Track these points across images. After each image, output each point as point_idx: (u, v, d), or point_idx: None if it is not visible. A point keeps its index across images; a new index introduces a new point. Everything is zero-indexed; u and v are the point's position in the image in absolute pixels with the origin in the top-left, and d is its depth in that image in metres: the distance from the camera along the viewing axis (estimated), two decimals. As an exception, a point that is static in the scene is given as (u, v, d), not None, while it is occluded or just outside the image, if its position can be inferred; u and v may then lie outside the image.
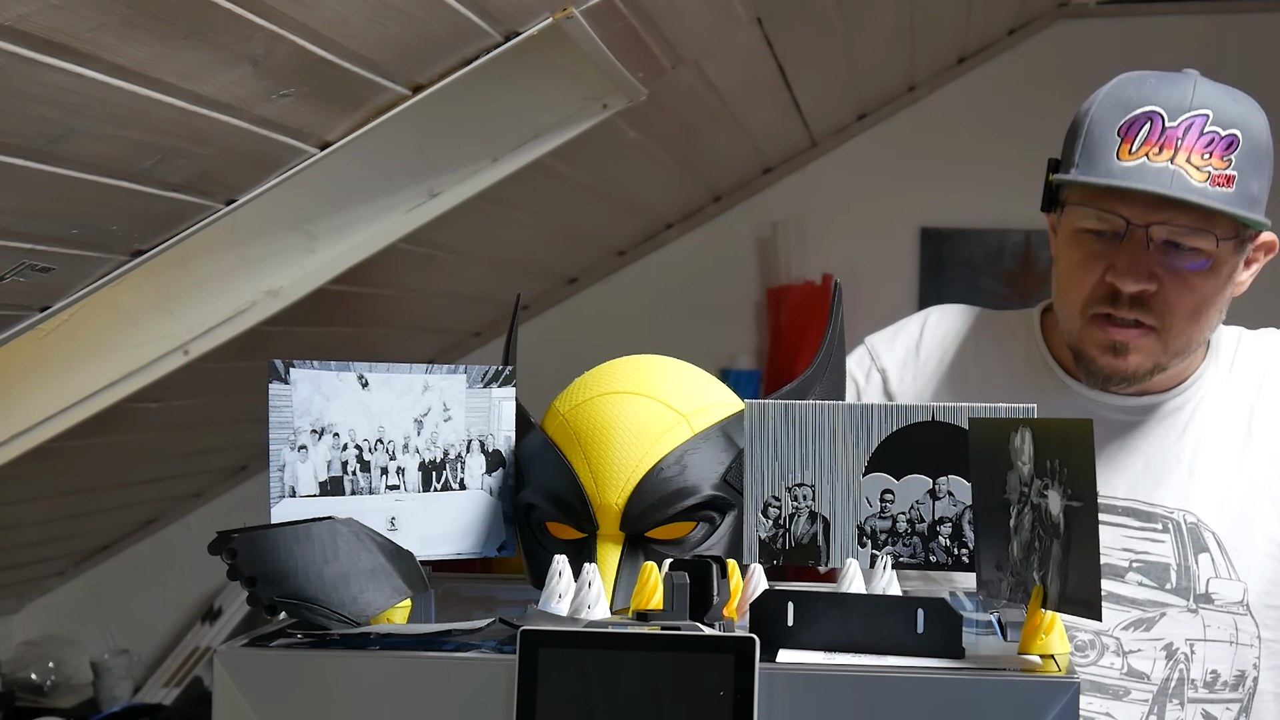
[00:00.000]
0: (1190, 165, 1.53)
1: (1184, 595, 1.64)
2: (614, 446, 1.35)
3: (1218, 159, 1.53)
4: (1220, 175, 1.53)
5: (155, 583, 3.73)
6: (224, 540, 1.17)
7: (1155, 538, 1.66)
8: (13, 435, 2.15)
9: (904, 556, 1.29)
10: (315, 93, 1.72)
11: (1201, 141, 1.53)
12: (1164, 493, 1.67)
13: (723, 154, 3.40)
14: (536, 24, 1.85)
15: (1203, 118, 1.54)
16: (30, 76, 1.37)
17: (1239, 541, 1.65)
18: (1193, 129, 1.54)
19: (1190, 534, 1.65)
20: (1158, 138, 1.54)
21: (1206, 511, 1.66)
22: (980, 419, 1.25)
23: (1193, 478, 1.67)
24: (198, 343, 2.16)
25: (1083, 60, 3.54)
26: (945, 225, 3.60)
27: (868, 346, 1.83)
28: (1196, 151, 1.53)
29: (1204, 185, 1.52)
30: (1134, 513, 1.67)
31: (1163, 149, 1.53)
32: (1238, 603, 1.64)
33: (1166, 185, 1.52)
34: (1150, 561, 1.65)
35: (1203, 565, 1.64)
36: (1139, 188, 1.52)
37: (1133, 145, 1.54)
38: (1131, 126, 1.55)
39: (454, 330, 3.60)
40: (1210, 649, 1.64)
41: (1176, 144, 1.53)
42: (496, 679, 1.11)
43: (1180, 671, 1.63)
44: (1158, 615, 1.64)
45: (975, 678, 1.09)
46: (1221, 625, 1.64)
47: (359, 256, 2.18)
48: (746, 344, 3.69)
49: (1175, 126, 1.54)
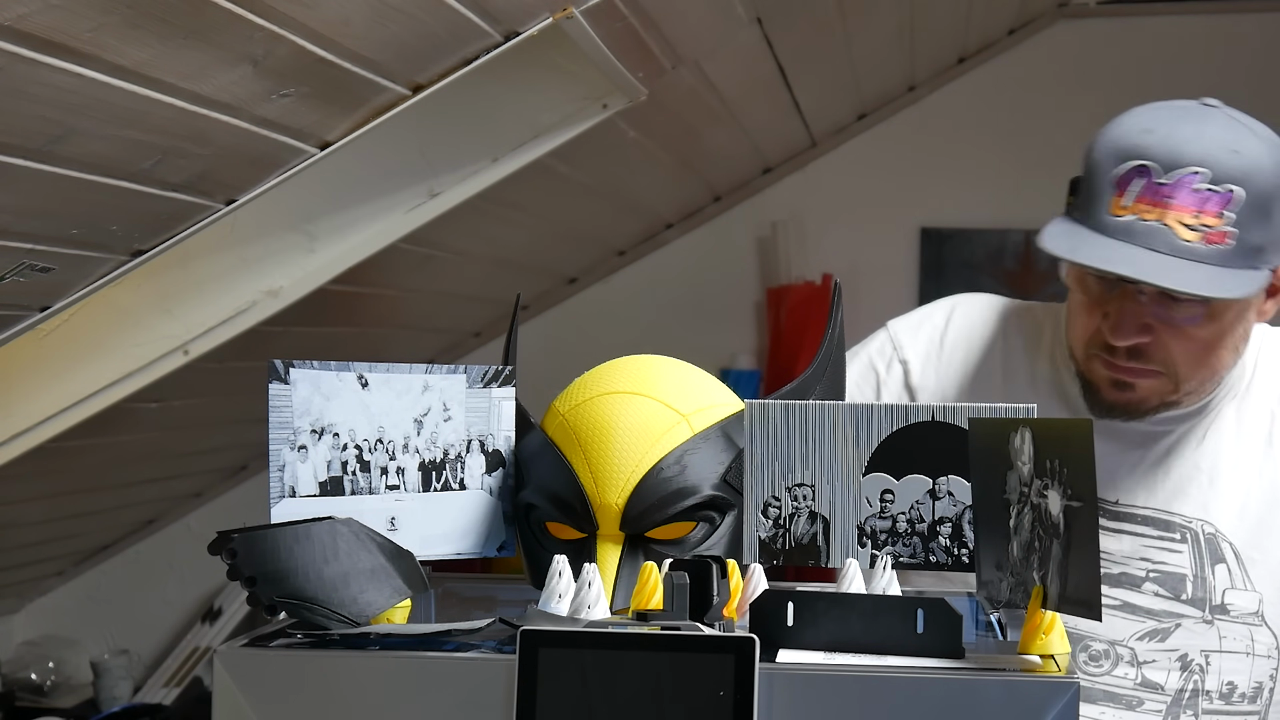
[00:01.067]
0: (1181, 225, 1.49)
1: (1200, 606, 1.63)
2: (614, 446, 1.35)
3: (1210, 216, 1.49)
4: (1215, 232, 1.49)
5: (155, 583, 3.73)
6: (224, 540, 1.17)
7: (1173, 548, 1.64)
8: (13, 435, 2.15)
9: (904, 556, 1.29)
10: (315, 93, 1.72)
11: (1194, 199, 1.49)
12: (1184, 502, 1.65)
13: (723, 154, 3.40)
14: (536, 24, 1.85)
15: (1196, 175, 1.49)
16: (30, 76, 1.37)
17: (1256, 551, 1.64)
18: (1184, 187, 1.49)
19: (1208, 544, 1.64)
20: (1149, 193, 1.50)
21: (1225, 521, 1.65)
22: (980, 419, 1.25)
23: (1213, 487, 1.65)
24: (198, 343, 2.16)
25: (1083, 60, 3.54)
26: (945, 225, 3.60)
27: (890, 333, 1.79)
28: (1188, 211, 1.49)
29: (1195, 244, 1.48)
30: (1153, 521, 1.65)
31: (1154, 206, 1.50)
32: (1253, 614, 1.63)
33: (1153, 246, 1.48)
34: (1167, 572, 1.64)
35: (1219, 576, 1.63)
36: (1116, 271, 1.49)
37: (1124, 199, 1.51)
38: (1124, 179, 1.52)
39: (454, 330, 3.60)
40: (1226, 660, 1.63)
41: (1166, 202, 1.49)
42: (496, 679, 1.11)
43: (1195, 683, 1.62)
44: (1173, 626, 1.63)
45: (975, 678, 1.09)
46: (1237, 636, 1.63)
47: (359, 256, 2.18)
48: (746, 344, 3.69)
49: (1167, 184, 1.50)
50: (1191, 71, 3.31)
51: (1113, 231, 1.51)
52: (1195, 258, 1.49)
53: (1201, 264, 1.49)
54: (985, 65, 3.60)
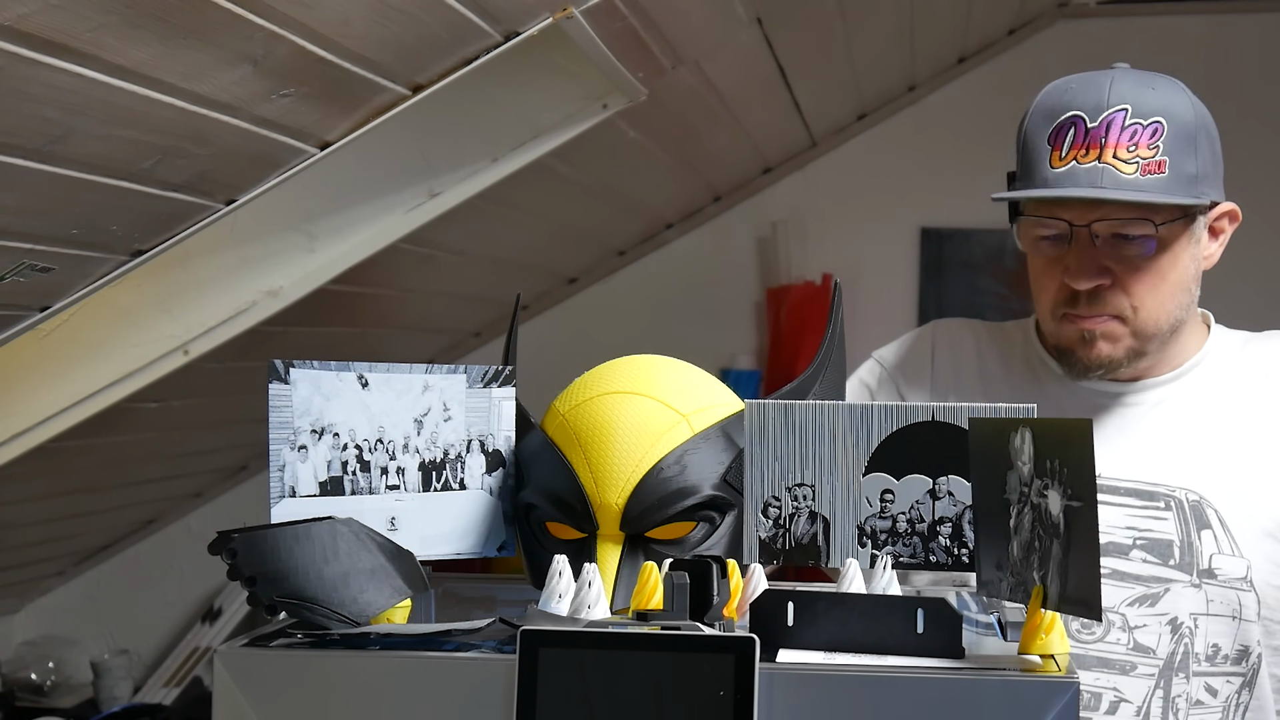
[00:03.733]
0: (1118, 160, 1.59)
1: (1187, 570, 1.66)
2: (614, 446, 1.35)
3: (1144, 148, 1.59)
4: (1151, 163, 1.59)
5: (155, 583, 3.73)
6: (224, 540, 1.17)
7: (1158, 515, 1.68)
8: (13, 435, 2.15)
9: (904, 556, 1.29)
10: (315, 93, 1.72)
11: (1125, 135, 1.60)
12: (1166, 471, 1.69)
13: (723, 154, 3.40)
14: (536, 24, 1.85)
15: (1122, 112, 1.60)
16: (30, 76, 1.37)
17: (1241, 520, 1.67)
18: (1114, 125, 1.60)
19: (1193, 510, 1.67)
20: (1083, 140, 1.61)
21: (1208, 488, 1.68)
22: (980, 419, 1.25)
23: (1195, 456, 1.69)
24: (198, 343, 2.16)
25: (1083, 60, 3.50)
26: (945, 225, 3.60)
27: (877, 358, 1.87)
28: (1121, 146, 1.60)
29: (1135, 176, 1.59)
30: (1137, 492, 1.68)
31: (1089, 149, 1.60)
32: (1241, 579, 1.66)
33: (1097, 184, 1.59)
34: (1154, 538, 1.67)
35: (1205, 541, 1.66)
36: (1070, 194, 1.60)
37: (1062, 151, 1.62)
38: (1058, 133, 1.63)
39: (454, 330, 3.60)
40: (1212, 623, 1.65)
41: (1101, 142, 1.60)
42: (496, 679, 1.11)
43: (1185, 645, 1.65)
44: (1162, 591, 1.66)
45: (975, 678, 1.09)
46: (1224, 600, 1.66)
47: (359, 256, 2.18)
48: (746, 344, 3.70)
49: (1097, 126, 1.60)
50: (1191, 71, 3.28)
51: (1055, 181, 1.62)
52: (1139, 189, 1.59)
53: (1145, 193, 1.59)
54: (985, 65, 3.60)
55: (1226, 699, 1.67)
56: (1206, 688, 1.66)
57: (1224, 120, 1.69)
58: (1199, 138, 1.62)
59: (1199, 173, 1.62)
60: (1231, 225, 1.71)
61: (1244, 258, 1.93)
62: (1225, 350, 1.76)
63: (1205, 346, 1.75)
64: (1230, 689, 1.67)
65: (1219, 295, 1.85)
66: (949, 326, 1.89)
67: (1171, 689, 1.65)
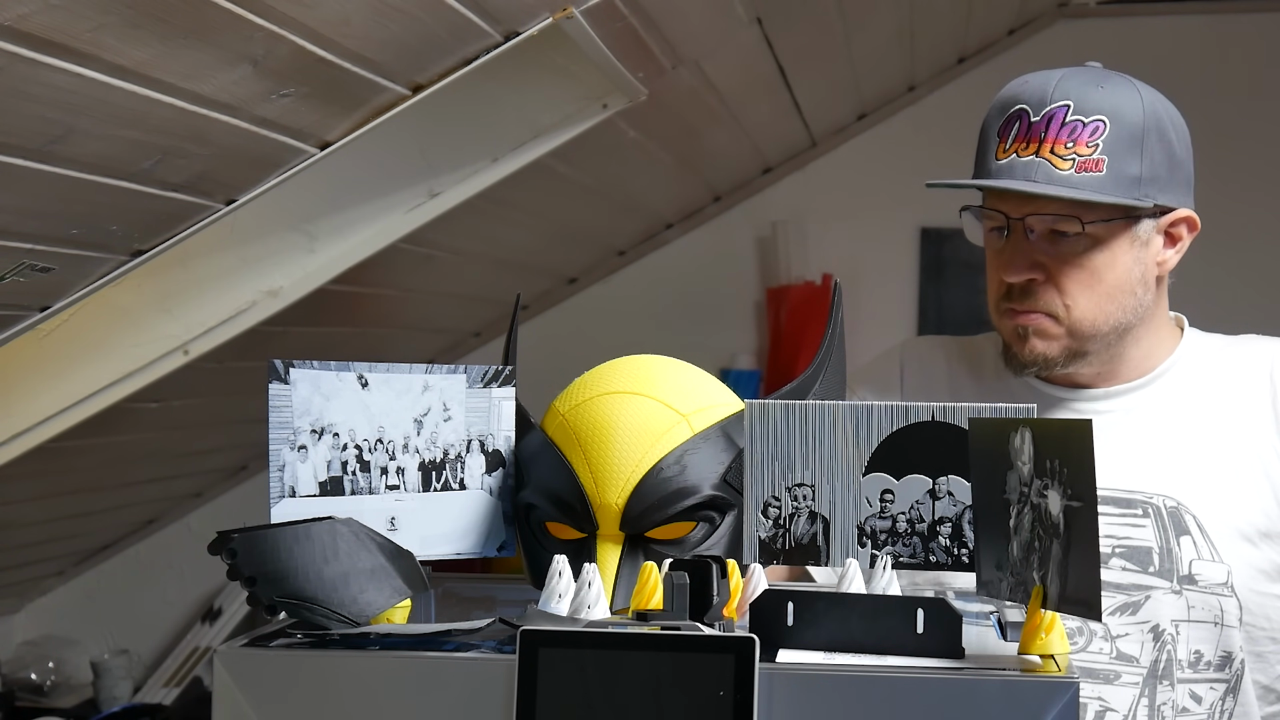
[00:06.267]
0: (1054, 155, 1.60)
1: (1167, 577, 1.65)
2: (614, 446, 1.35)
3: (1083, 145, 1.59)
4: (1088, 160, 1.59)
5: (155, 583, 3.73)
6: (224, 540, 1.17)
7: (1136, 522, 1.67)
8: (13, 435, 2.15)
9: (904, 556, 1.29)
10: (315, 93, 1.72)
11: (1065, 131, 1.60)
12: (1143, 478, 1.68)
13: (723, 154, 3.40)
14: (536, 24, 1.85)
15: (1064, 108, 1.61)
16: (30, 76, 1.37)
17: (1219, 525, 1.66)
18: (1054, 120, 1.61)
19: (1171, 517, 1.67)
20: (1025, 133, 1.62)
21: (1186, 494, 1.67)
22: (980, 419, 1.25)
23: (1171, 461, 1.68)
24: (198, 343, 2.16)
25: (1082, 60, 3.53)
26: (945, 225, 3.60)
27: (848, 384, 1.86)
28: (1060, 142, 1.60)
29: (1069, 173, 1.59)
30: (1114, 500, 1.67)
31: (1029, 143, 1.61)
32: (1222, 584, 1.65)
33: (1030, 178, 1.60)
34: (1133, 546, 1.66)
35: (1184, 547, 1.65)
36: (997, 185, 1.61)
37: (1006, 143, 1.63)
38: (1006, 125, 1.64)
39: (454, 330, 3.60)
40: (1194, 630, 1.65)
41: (1041, 137, 1.60)
42: (496, 679, 1.11)
43: (1168, 653, 1.64)
44: (1143, 598, 1.65)
45: (975, 678, 1.09)
46: (1206, 606, 1.65)
47: (359, 256, 2.18)
48: (746, 344, 3.69)
49: (1039, 120, 1.61)
50: (1191, 71, 3.30)
51: (994, 173, 1.63)
52: (1070, 185, 1.59)
53: (1076, 190, 1.59)
54: (985, 65, 3.60)
55: (1211, 705, 1.66)
56: (1191, 695, 1.65)
57: (1224, 120, 1.69)
58: (1148, 140, 1.61)
59: (1144, 175, 1.61)
60: (1190, 233, 1.69)
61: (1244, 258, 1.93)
62: (1200, 354, 1.74)
63: (1177, 351, 1.74)
64: (1214, 695, 1.66)
65: (1219, 295, 1.85)
66: (917, 345, 1.90)
67: (1156, 697, 1.64)
